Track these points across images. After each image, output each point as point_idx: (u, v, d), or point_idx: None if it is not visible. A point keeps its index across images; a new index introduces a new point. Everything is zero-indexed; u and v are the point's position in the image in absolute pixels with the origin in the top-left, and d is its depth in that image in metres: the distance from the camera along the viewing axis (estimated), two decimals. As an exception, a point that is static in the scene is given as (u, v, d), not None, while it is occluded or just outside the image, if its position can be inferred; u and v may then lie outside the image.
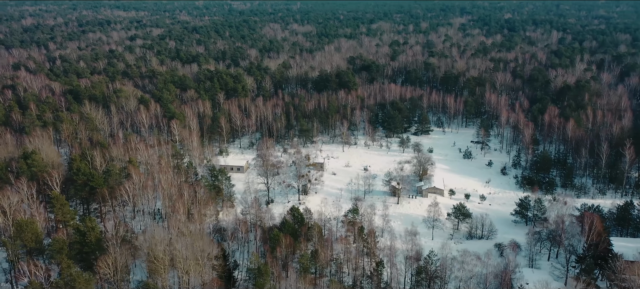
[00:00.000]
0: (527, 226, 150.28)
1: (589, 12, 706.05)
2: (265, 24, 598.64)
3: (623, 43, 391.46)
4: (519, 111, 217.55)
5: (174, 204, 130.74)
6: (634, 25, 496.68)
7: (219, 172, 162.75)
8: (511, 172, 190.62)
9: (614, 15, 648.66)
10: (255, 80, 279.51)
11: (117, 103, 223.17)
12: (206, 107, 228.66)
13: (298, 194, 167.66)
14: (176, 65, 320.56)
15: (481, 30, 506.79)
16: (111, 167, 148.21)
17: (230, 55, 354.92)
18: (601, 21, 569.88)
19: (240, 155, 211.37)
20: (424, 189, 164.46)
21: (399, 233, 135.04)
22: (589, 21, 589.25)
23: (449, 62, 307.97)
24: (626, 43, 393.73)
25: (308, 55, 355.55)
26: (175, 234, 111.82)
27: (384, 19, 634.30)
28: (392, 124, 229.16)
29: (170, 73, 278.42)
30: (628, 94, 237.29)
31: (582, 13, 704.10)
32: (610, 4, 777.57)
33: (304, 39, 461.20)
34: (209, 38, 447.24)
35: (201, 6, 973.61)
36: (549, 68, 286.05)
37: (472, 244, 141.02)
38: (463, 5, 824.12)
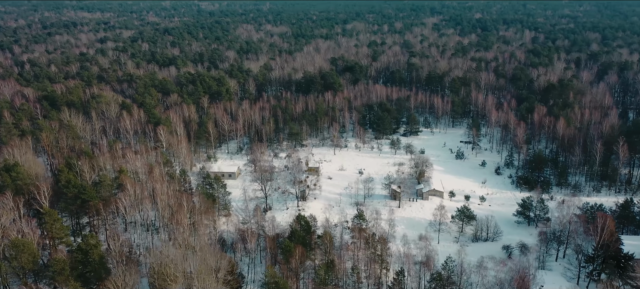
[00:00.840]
0: (529, 227, 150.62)
1: (555, 12, 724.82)
2: (237, 24, 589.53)
3: (594, 41, 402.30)
4: (508, 110, 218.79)
5: (175, 216, 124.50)
6: (601, 24, 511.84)
7: (215, 180, 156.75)
8: (505, 172, 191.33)
9: (579, 14, 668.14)
10: (238, 82, 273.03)
11: (97, 109, 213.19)
12: (191, 112, 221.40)
13: (297, 201, 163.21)
14: (153, 69, 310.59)
15: (455, 30, 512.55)
16: (102, 178, 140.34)
17: (208, 58, 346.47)
18: (569, 20, 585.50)
19: (230, 161, 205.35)
20: (425, 192, 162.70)
21: (411, 238, 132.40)
22: (557, 20, 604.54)
23: (431, 63, 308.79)
24: (597, 41, 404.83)
25: (288, 56, 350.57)
26: (184, 249, 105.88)
27: (357, 19, 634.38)
28: (382, 125, 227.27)
29: (149, 77, 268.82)
30: (609, 91, 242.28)
31: (548, 12, 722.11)
32: (574, 3, 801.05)
33: (280, 40, 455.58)
34: (183, 40, 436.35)
35: (169, 7, 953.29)
36: (529, 67, 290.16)
37: (478, 246, 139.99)
38: (433, 5, 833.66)
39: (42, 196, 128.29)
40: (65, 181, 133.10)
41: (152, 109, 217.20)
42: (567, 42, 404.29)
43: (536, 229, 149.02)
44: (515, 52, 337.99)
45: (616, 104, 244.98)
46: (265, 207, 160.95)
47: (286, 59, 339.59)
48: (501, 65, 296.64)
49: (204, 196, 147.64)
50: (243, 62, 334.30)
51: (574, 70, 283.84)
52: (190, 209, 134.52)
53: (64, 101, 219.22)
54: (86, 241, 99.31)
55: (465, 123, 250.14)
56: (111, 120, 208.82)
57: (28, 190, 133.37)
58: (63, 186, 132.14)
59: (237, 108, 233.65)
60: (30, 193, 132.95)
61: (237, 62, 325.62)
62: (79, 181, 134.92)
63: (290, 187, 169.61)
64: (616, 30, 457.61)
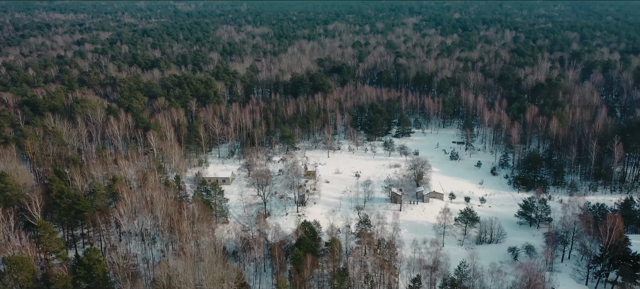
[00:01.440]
0: (531, 228, 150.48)
1: (531, 11, 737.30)
2: (216, 25, 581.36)
3: (573, 41, 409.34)
4: (500, 110, 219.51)
5: (177, 225, 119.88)
6: (578, 23, 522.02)
7: (212, 186, 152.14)
8: (501, 173, 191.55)
9: (555, 14, 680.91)
10: (226, 85, 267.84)
11: (82, 114, 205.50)
12: (180, 116, 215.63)
13: (296, 206, 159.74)
14: (136, 71, 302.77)
15: (436, 30, 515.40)
16: (96, 187, 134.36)
17: (192, 59, 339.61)
18: (546, 20, 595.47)
19: (222, 165, 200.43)
20: (425, 195, 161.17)
21: (417, 242, 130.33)
22: (534, 20, 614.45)
23: (418, 63, 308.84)
24: (576, 41, 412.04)
25: (273, 57, 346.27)
26: (191, 260, 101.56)
27: (338, 20, 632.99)
28: (374, 127, 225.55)
29: (133, 80, 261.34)
30: (596, 90, 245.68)
31: (524, 12, 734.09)
32: (549, 3, 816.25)
33: (262, 41, 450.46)
34: (163, 41, 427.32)
35: (144, 7, 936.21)
36: (515, 66, 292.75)
37: (483, 249, 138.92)
38: (411, 5, 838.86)
39: (34, 207, 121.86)
40: (58, 191, 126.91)
41: (140, 113, 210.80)
42: (548, 41, 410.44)
43: (538, 230, 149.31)
44: (499, 52, 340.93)
45: (606, 102, 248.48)
46: (264, 213, 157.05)
47: (272, 60, 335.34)
48: (487, 65, 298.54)
49: (203, 203, 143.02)
50: (227, 64, 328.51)
51: (559, 69, 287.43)
52: (189, 218, 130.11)
53: (46, 106, 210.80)
54: (89, 256, 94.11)
55: (456, 123, 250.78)
56: (97, 125, 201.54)
57: (18, 201, 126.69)
58: (56, 197, 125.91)
59: (226, 111, 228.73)
60: (20, 205, 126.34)
61: (222, 64, 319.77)
62: (73, 191, 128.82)
63: (288, 191, 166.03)
64: (593, 29, 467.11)
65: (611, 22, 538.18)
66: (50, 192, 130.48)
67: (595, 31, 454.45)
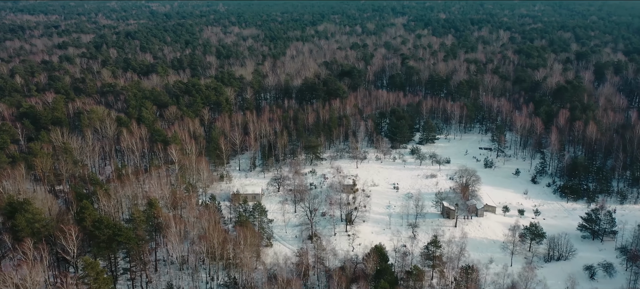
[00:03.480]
0: (594, 241, 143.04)
1: (512, 11, 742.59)
2: (201, 27, 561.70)
3: (569, 41, 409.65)
4: (528, 114, 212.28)
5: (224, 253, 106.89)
6: (569, 23, 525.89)
7: (256, 207, 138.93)
8: (542, 181, 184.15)
9: (538, 13, 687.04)
10: (235, 91, 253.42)
11: (90, 127, 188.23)
12: (195, 126, 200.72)
13: (345, 225, 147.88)
14: (133, 77, 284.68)
15: (427, 30, 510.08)
16: (136, 214, 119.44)
17: (188, 64, 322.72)
18: (533, 20, 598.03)
19: (245, 179, 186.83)
20: (479, 209, 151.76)
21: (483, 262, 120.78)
22: (522, 20, 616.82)
23: (428, 66, 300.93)
24: (571, 41, 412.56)
25: (274, 61, 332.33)
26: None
27: (324, 20, 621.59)
28: (399, 134, 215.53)
29: (135, 87, 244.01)
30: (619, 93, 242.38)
31: (505, 12, 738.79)
32: (528, 3, 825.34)
33: (256, 43, 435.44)
34: (152, 44, 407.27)
35: (118, 8, 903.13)
36: (527, 68, 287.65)
37: (553, 267, 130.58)
38: (393, 5, 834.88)
39: (70, 241, 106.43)
40: (95, 220, 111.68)
41: (152, 124, 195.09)
42: (544, 41, 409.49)
43: (602, 243, 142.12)
44: (507, 53, 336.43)
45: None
46: (310, 233, 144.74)
47: (274, 64, 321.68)
48: (501, 67, 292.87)
49: (248, 227, 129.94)
50: (229, 68, 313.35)
51: (573, 71, 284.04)
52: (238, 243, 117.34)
53: (48, 119, 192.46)
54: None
55: (477, 128, 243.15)
56: (109, 139, 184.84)
57: (49, 233, 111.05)
58: (94, 228, 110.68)
59: (242, 120, 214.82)
60: (51, 237, 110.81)
61: (225, 68, 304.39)
62: (111, 220, 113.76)
63: (325, 207, 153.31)
64: (585, 29, 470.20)
65: (598, 22, 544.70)
66: (83, 221, 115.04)
67: (589, 31, 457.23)
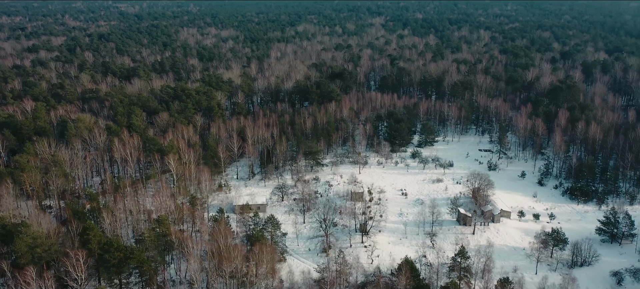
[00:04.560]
0: (613, 245, 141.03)
1: (485, 11, 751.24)
2: (177, 28, 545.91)
3: (549, 40, 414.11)
4: (533, 116, 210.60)
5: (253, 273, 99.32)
6: (546, 22, 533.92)
7: (269, 220, 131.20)
8: (549, 183, 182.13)
9: (512, 13, 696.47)
10: (226, 95, 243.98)
11: (78, 137, 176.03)
12: (189, 133, 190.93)
13: (361, 235, 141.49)
14: (114, 82, 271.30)
15: (407, 30, 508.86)
16: (147, 235, 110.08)
17: (170, 67, 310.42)
18: (509, 19, 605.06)
19: (244, 188, 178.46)
20: (496, 215, 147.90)
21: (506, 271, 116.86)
22: (492, 19, 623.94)
23: (418, 66, 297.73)
24: (551, 40, 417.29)
25: (259, 63, 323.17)
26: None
27: (301, 21, 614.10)
28: (399, 137, 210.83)
29: (119, 92, 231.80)
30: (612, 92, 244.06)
31: (479, 11, 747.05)
32: (500, 3, 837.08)
33: (238, 45, 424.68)
34: (128, 46, 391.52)
35: (84, 9, 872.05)
36: (516, 68, 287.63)
37: (579, 273, 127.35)
38: (368, 5, 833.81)
39: (78, 267, 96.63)
40: (104, 243, 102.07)
41: (144, 132, 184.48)
42: (525, 41, 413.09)
43: (621, 246, 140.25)
44: (493, 53, 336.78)
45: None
46: (324, 246, 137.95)
47: (261, 66, 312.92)
48: (491, 67, 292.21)
49: (264, 243, 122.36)
50: (211, 70, 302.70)
51: (562, 70, 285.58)
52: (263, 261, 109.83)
53: (31, 129, 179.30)
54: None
55: (473, 130, 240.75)
56: (99, 150, 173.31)
57: (51, 258, 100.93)
58: (103, 251, 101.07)
59: (237, 125, 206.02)
60: (56, 263, 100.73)
61: (211, 71, 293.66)
62: (121, 242, 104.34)
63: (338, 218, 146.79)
64: (563, 28, 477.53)
65: (572, 21, 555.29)
66: (88, 243, 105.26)
67: (567, 30, 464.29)
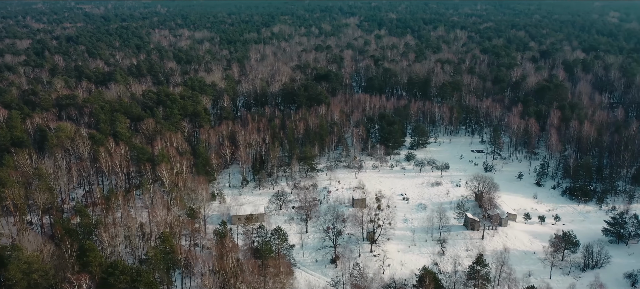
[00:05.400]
0: (619, 245, 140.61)
1: (456, 11, 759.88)
2: (147, 30, 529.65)
3: (525, 39, 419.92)
4: (526, 116, 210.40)
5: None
6: (519, 22, 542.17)
7: (276, 232, 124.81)
8: (547, 183, 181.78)
9: (483, 13, 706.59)
10: (211, 99, 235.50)
11: (59, 147, 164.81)
12: (178, 141, 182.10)
13: (369, 244, 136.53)
14: (89, 87, 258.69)
15: (383, 31, 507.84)
16: (154, 253, 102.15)
17: (148, 70, 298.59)
18: (482, 19, 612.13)
19: (239, 197, 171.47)
20: (503, 218, 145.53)
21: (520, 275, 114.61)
22: (464, 19, 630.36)
23: (404, 67, 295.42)
24: (527, 39, 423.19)
25: (240, 65, 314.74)
26: None
27: (274, 22, 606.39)
28: (393, 140, 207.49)
29: (99, 99, 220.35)
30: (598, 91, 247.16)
31: (450, 11, 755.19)
32: (470, 3, 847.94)
33: (213, 46, 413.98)
34: (100, 49, 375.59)
35: (47, 10, 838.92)
36: (501, 67, 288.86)
37: (592, 276, 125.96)
38: (340, 5, 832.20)
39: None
40: (108, 266, 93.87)
41: (130, 140, 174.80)
42: (502, 40, 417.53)
43: (628, 247, 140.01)
44: (475, 53, 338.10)
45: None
46: (332, 256, 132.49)
47: (242, 68, 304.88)
48: (476, 67, 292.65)
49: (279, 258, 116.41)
50: (191, 74, 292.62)
51: (546, 69, 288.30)
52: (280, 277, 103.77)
53: (7, 139, 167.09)
54: None
55: (463, 130, 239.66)
56: (84, 160, 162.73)
57: (49, 284, 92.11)
58: (107, 275, 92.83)
59: (227, 130, 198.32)
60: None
61: (192, 75, 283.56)
62: (125, 264, 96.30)
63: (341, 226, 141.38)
64: (536, 27, 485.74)
65: (543, 21, 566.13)
66: (88, 266, 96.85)
67: (541, 29, 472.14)
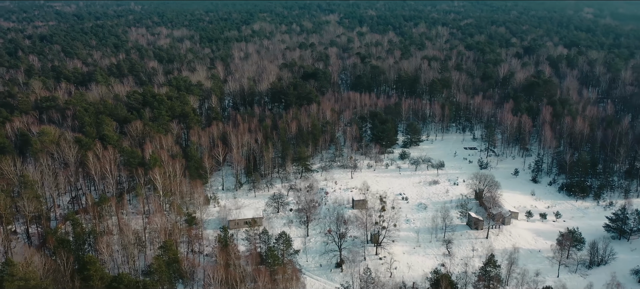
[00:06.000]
0: (621, 241, 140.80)
1: (434, 7, 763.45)
2: (123, 28, 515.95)
3: (505, 36, 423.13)
4: (518, 112, 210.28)
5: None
6: (499, 18, 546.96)
7: (281, 237, 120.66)
8: (543, 180, 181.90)
9: (461, 9, 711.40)
10: (199, 100, 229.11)
11: (44, 152, 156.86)
12: (169, 143, 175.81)
13: (374, 247, 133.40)
14: (69, 88, 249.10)
15: (367, 29, 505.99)
16: (158, 264, 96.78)
17: (129, 70, 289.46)
18: (461, 16, 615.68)
19: (233, 200, 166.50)
20: (506, 217, 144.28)
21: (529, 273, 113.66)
22: (443, 16, 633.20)
23: (391, 64, 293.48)
24: (508, 35, 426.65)
25: (224, 64, 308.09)
26: None
27: (253, 19, 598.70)
28: (386, 138, 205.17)
29: (82, 100, 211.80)
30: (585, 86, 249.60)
31: (428, 8, 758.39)
32: (447, 1, 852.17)
33: (194, 45, 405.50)
34: (76, 49, 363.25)
35: (15, 8, 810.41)
36: (488, 64, 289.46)
37: (598, 273, 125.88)
38: (319, 3, 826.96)
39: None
40: (111, 280, 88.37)
41: (117, 143, 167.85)
42: (483, 36, 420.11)
43: (629, 242, 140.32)
44: (461, 50, 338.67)
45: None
46: (337, 261, 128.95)
47: (227, 67, 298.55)
48: (463, 64, 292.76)
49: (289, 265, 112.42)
50: (175, 73, 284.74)
51: (532, 66, 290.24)
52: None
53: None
54: None
55: (454, 128, 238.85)
56: (70, 165, 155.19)
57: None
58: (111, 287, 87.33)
59: (218, 131, 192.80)
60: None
61: (175, 74, 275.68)
62: (130, 276, 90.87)
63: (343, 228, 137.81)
64: (516, 24, 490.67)
65: (521, 17, 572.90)
66: (89, 280, 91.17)
67: (521, 26, 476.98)
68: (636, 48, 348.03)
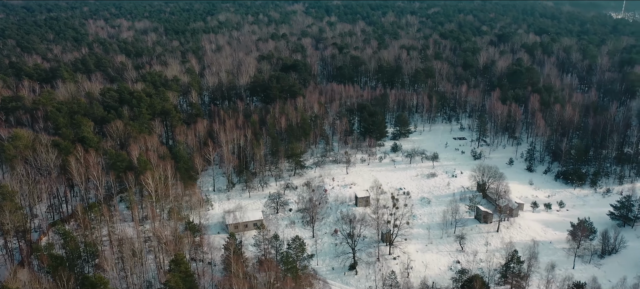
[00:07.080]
0: (626, 228, 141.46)
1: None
2: (79, 20, 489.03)
3: (474, 24, 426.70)
4: (506, 101, 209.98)
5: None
6: (466, 6, 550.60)
7: (294, 241, 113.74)
8: (538, 169, 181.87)
9: None
10: (178, 96, 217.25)
11: (19, 158, 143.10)
12: (154, 143, 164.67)
13: (387, 246, 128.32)
14: (33, 86, 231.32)
15: (336, 18, 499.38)
16: (173, 283, 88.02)
17: (96, 65, 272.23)
18: (427, 5, 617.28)
19: (227, 201, 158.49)
20: (514, 209, 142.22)
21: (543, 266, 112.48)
22: (409, 4, 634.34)
23: (371, 55, 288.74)
24: (477, 23, 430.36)
25: (196, 57, 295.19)
26: None
27: (217, 10, 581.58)
28: (376, 131, 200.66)
29: (50, 100, 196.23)
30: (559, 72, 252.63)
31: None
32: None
33: (161, 38, 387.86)
34: (34, 43, 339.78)
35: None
36: (467, 52, 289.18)
37: (611, 262, 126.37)
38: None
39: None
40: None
41: (98, 145, 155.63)
42: (453, 25, 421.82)
43: (633, 229, 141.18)
44: (437, 39, 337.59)
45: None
46: (351, 263, 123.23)
47: (201, 60, 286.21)
48: (441, 53, 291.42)
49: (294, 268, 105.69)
50: (147, 68, 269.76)
51: (510, 54, 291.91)
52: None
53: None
54: None
55: (440, 118, 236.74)
56: (51, 172, 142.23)
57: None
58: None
59: (203, 129, 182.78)
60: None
61: (147, 69, 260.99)
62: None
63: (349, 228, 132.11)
64: (482, 12, 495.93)
65: (486, 5, 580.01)
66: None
67: (488, 14, 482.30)
68: (604, 34, 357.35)
